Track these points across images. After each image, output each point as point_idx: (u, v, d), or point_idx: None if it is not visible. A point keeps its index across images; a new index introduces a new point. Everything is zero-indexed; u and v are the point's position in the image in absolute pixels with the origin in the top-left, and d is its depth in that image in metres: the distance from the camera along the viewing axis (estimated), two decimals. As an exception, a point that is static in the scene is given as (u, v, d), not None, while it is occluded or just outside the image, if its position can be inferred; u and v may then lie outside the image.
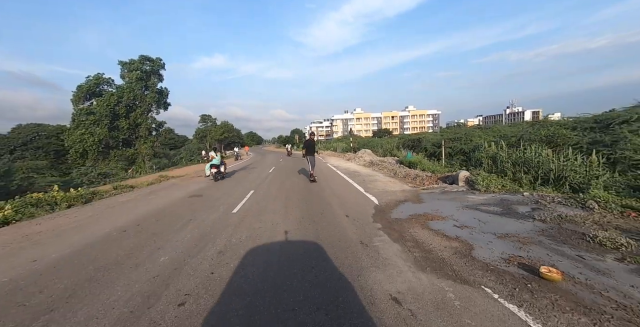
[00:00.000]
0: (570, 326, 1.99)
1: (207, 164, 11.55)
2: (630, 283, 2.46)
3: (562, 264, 2.89)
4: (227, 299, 2.58)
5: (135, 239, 4.49)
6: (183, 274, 3.15)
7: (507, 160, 9.24)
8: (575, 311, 2.15)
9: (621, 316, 2.05)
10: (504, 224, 4.28)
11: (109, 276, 3.19)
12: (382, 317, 2.20)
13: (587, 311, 2.13)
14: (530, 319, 2.09)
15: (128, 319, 2.36)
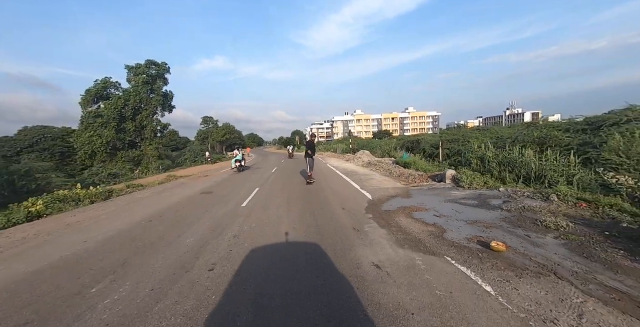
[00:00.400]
0: (499, 277, 2.75)
1: (233, 159, 15.79)
2: (554, 252, 3.21)
3: (511, 241, 3.65)
4: (246, 266, 3.34)
5: (162, 226, 5.26)
6: (207, 251, 3.91)
7: (493, 161, 9.98)
8: (507, 268, 2.91)
9: (537, 271, 2.81)
10: (475, 213, 5.04)
11: (149, 251, 3.96)
12: (365, 276, 2.95)
13: (515, 268, 2.89)
14: (473, 274, 2.84)
15: (173, 278, 3.12)
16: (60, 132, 51.97)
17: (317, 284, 2.80)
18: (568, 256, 3.09)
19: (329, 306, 2.41)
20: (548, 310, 2.21)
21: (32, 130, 48.94)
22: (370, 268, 3.13)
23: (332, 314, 2.30)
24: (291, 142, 60.19)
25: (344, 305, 2.42)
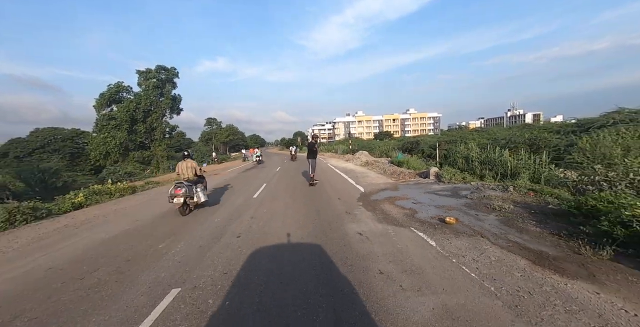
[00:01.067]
0: (442, 237, 3.95)
1: (253, 156, 21.07)
2: (489, 224, 4.41)
3: (462, 217, 4.84)
4: (263, 236, 4.56)
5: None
6: (232, 226, 5.14)
7: (476, 160, 11.17)
8: (450, 233, 4.11)
9: (470, 234, 4.01)
10: (445, 201, 6.23)
11: (188, 226, 5.20)
12: (351, 239, 4.16)
13: (456, 233, 4.09)
14: (426, 236, 4.04)
15: (212, 241, 4.35)
16: (70, 134, 53.65)
17: (317, 245, 4.02)
18: (496, 226, 4.29)
19: (325, 254, 3.63)
20: (464, 252, 3.41)
21: (43, 132, 50.61)
22: (356, 235, 4.34)
23: (326, 259, 3.52)
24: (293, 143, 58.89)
25: (335, 254, 3.64)
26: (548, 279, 2.69)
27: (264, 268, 3.28)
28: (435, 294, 2.54)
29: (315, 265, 3.29)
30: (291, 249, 3.88)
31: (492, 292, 2.52)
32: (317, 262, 3.38)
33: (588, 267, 2.86)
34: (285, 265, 3.34)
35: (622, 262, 2.87)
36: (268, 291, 2.76)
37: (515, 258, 3.17)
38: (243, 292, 2.76)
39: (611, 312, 2.16)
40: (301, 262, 3.40)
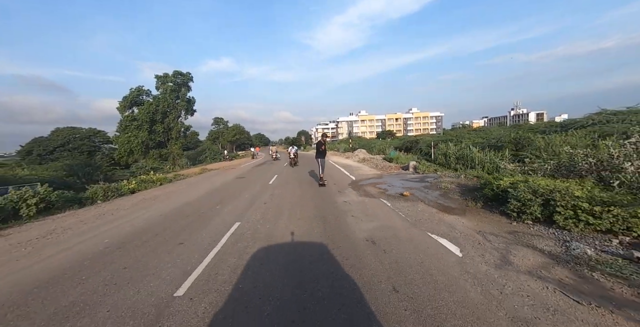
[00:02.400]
0: (397, 203, 6.24)
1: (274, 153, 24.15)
2: (432, 196, 6.68)
3: (416, 193, 7.11)
4: (281, 204, 6.89)
5: (225, 192, 8.88)
6: (259, 199, 7.48)
7: (452, 156, 13.41)
8: (403, 201, 6.40)
9: (415, 201, 6.31)
10: (411, 184, 8.49)
11: (228, 201, 7.56)
12: (338, 204, 6.47)
13: (406, 200, 6.38)
14: (388, 203, 6.33)
15: (248, 206, 6.70)
16: (87, 133, 56.80)
17: (317, 207, 6.35)
18: (434, 196, 6.57)
19: (321, 211, 5.96)
20: (404, 208, 5.70)
21: (63, 131, 53.79)
22: (342, 202, 6.64)
23: (322, 212, 5.85)
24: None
25: (328, 210, 5.96)
26: (440, 215, 4.97)
27: (285, 216, 5.61)
28: (378, 221, 4.84)
29: (315, 215, 5.61)
30: (299, 214, 6.20)
31: (407, 220, 4.82)
32: (316, 214, 5.70)
33: (465, 211, 5.14)
34: (298, 218, 5.66)
35: (483, 209, 5.15)
36: (292, 224, 5.08)
37: (430, 209, 5.46)
38: (277, 221, 5.09)
39: (458, 224, 4.44)
40: (306, 217, 5.72)
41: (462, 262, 3.12)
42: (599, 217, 3.57)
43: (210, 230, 4.85)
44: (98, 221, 5.95)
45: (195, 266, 3.34)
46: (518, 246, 3.45)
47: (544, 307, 2.26)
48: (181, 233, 4.77)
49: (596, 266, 2.81)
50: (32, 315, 2.51)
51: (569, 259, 3.01)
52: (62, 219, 6.21)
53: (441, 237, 3.90)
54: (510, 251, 3.34)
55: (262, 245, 3.96)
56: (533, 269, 2.87)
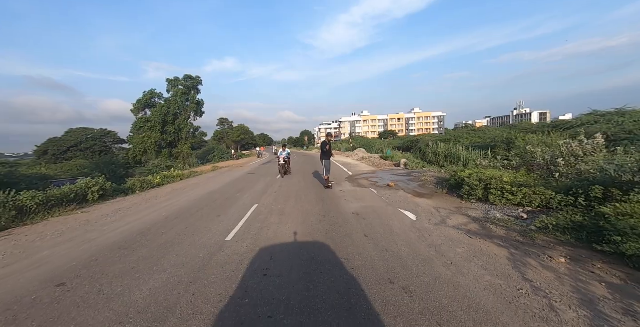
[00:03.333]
0: (383, 191, 7.78)
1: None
2: (411, 186, 8.21)
3: (400, 184, 8.64)
4: (288, 193, 8.47)
5: (240, 185, 10.47)
6: (270, 189, 9.06)
7: (441, 154, 14.89)
8: (387, 190, 7.93)
9: (398, 190, 7.84)
10: (399, 178, 10.01)
11: (245, 190, 9.15)
12: (335, 193, 8.02)
13: (390, 189, 7.92)
14: (375, 191, 7.87)
15: (264, 192, 8.29)
16: (98, 134, 59.00)
17: (318, 194, 7.92)
18: (413, 186, 8.09)
19: (321, 196, 7.53)
20: (387, 194, 7.24)
21: (76, 132, 56.02)
22: (338, 191, 8.19)
23: (321, 198, 7.41)
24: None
25: (326, 196, 7.53)
26: (412, 199, 6.50)
27: (292, 200, 7.17)
28: (364, 203, 6.38)
29: (316, 200, 7.18)
30: (304, 199, 7.75)
31: (386, 202, 6.35)
32: (317, 199, 7.26)
33: (432, 196, 6.67)
34: (303, 201, 7.22)
35: (447, 194, 6.68)
36: (298, 204, 6.64)
37: (407, 195, 7.00)
38: (286, 200, 6.66)
39: (423, 203, 5.97)
40: (309, 201, 7.28)
41: (414, 223, 4.66)
42: (515, 195, 5.08)
43: (236, 208, 6.43)
44: (148, 204, 7.57)
45: (234, 227, 4.91)
46: (456, 214, 4.98)
47: (449, 240, 3.79)
48: (216, 210, 6.36)
49: (496, 222, 4.34)
50: (144, 247, 4.10)
51: (482, 219, 4.53)
52: (119, 203, 7.85)
53: (406, 211, 5.43)
54: (449, 216, 4.87)
55: (277, 216, 5.52)
56: (457, 225, 4.40)
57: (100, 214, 6.42)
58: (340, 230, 4.45)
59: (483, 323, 2.10)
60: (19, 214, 5.70)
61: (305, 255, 3.51)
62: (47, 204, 6.29)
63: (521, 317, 2.16)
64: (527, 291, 2.50)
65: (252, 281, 2.90)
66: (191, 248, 3.96)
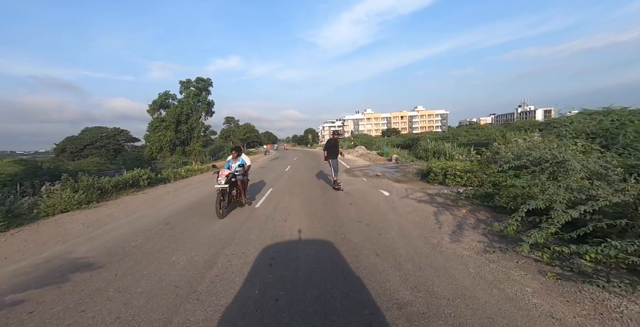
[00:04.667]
0: (371, 179, 9.75)
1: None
2: (395, 175, 10.16)
3: (387, 174, 10.59)
4: (296, 180, 10.50)
5: (257, 175, 12.47)
6: (281, 177, 11.09)
7: (430, 151, 16.76)
8: (375, 178, 9.90)
9: (383, 177, 9.81)
10: (387, 170, 11.95)
11: (262, 178, 11.19)
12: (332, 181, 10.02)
13: (377, 178, 9.88)
14: (365, 179, 9.84)
15: (279, 177, 10.33)
16: (112, 132, 61.74)
17: (318, 182, 9.93)
18: (397, 176, 10.04)
19: (322, 183, 9.54)
20: (374, 181, 9.21)
21: (91, 131, 58.86)
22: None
23: (321, 183, 9.42)
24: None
25: (324, 183, 9.53)
26: (392, 184, 8.46)
27: (299, 185, 9.17)
28: (354, 186, 8.36)
29: (318, 185, 9.17)
30: (308, 185, 9.74)
31: (371, 186, 8.31)
32: (318, 184, 9.25)
33: (408, 181, 8.62)
34: (307, 186, 9.23)
35: (419, 180, 8.64)
36: (304, 187, 8.65)
37: (389, 181, 8.96)
38: (294, 185, 8.66)
39: (398, 186, 7.93)
40: (312, 185, 9.28)
41: (386, 197, 6.63)
42: (462, 178, 7.01)
43: (259, 188, 8.47)
44: (186, 188, 9.66)
45: (260, 199, 6.93)
46: (418, 192, 6.93)
47: (404, 204, 5.77)
48: (241, 192, 8.38)
49: (441, 195, 6.29)
50: (201, 211, 6.13)
51: (434, 194, 6.49)
52: (164, 188, 9.97)
53: (384, 190, 7.40)
54: (412, 193, 6.82)
55: (288, 195, 7.53)
56: (414, 197, 6.36)
57: (156, 194, 8.52)
58: (334, 201, 6.45)
59: (401, 234, 4.08)
60: (102, 193, 7.81)
61: (310, 214, 5.51)
62: (116, 187, 8.41)
63: (421, 230, 4.14)
64: (432, 222, 4.48)
65: (278, 223, 4.92)
66: (236, 212, 5.99)
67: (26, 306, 2.55)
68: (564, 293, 2.43)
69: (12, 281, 3.12)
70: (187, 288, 2.74)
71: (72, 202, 6.50)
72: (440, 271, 2.91)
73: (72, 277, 3.11)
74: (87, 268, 3.35)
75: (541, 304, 2.29)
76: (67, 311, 2.45)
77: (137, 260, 3.52)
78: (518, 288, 2.52)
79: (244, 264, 3.25)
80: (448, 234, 3.95)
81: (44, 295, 2.74)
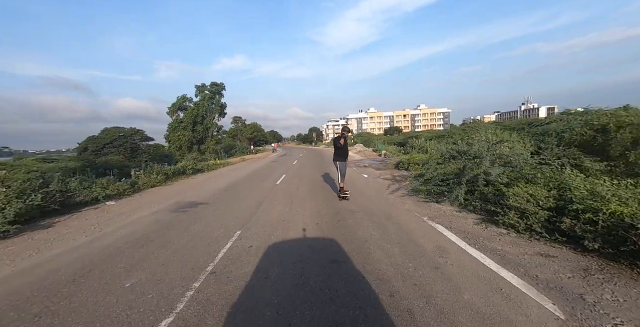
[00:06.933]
0: (361, 169, 12.88)
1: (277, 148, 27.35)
2: (379, 166, 13.27)
3: (373, 165, 13.70)
4: (301, 172, 13.69)
5: (269, 168, 15.72)
6: (290, 170, 14.27)
7: (416, 147, 19.75)
8: (363, 167, 13.03)
9: (370, 167, 12.94)
10: (374, 162, 15.04)
11: (274, 170, 14.41)
12: (328, 169, 13.17)
13: (364, 167, 13.01)
14: (356, 169, 12.96)
15: (286, 171, 13.52)
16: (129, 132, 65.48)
17: (318, 171, 13.13)
18: (380, 166, 13.14)
19: (322, 172, 12.72)
20: (362, 170, 12.34)
21: (110, 131, 62.72)
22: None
23: (322, 173, 12.60)
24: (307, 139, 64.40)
25: (322, 171, 12.71)
26: (373, 171, 11.58)
27: (304, 174, 12.35)
28: (345, 173, 11.52)
29: (319, 174, 12.34)
30: (311, 174, 12.89)
31: (357, 172, 11.45)
32: (320, 173, 12.41)
33: (385, 169, 11.74)
34: (310, 175, 12.40)
35: (394, 169, 11.76)
36: (308, 176, 11.83)
37: (371, 169, 12.07)
38: (302, 169, 11.84)
39: (375, 172, 11.05)
40: (315, 173, 12.45)
41: (365, 178, 9.75)
42: (417, 166, 10.10)
43: (273, 178, 11.63)
44: (221, 176, 12.90)
45: (276, 181, 10.11)
46: (387, 175, 10.03)
47: (374, 181, 8.91)
48: (264, 176, 11.58)
49: (400, 176, 9.39)
50: (238, 188, 9.33)
51: (397, 176, 9.59)
52: (204, 175, 13.27)
53: (364, 174, 10.52)
54: (382, 175, 9.94)
55: (297, 178, 10.70)
56: (383, 178, 9.48)
57: (202, 179, 11.80)
58: (328, 181, 9.60)
59: (367, 191, 7.22)
60: (166, 178, 11.11)
61: (312, 189, 8.67)
62: (174, 173, 11.72)
63: (377, 190, 7.28)
64: (384, 188, 7.59)
65: (293, 192, 8.09)
66: (262, 187, 9.18)
67: (188, 212, 5.77)
68: (420, 205, 5.56)
69: (175, 206, 6.40)
70: (250, 211, 5.94)
71: (156, 182, 9.81)
72: (378, 201, 6.05)
73: (196, 206, 6.35)
74: (200, 204, 6.59)
75: (408, 208, 5.42)
76: (204, 214, 5.66)
77: (221, 202, 6.74)
78: (403, 205, 5.66)
79: (279, 203, 6.44)
80: (389, 192, 7.07)
81: (192, 209, 5.97)
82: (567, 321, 2.00)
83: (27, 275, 3.25)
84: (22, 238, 4.52)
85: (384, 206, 5.71)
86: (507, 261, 2.99)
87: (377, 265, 3.05)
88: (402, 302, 2.33)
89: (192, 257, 3.51)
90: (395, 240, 3.81)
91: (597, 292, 2.29)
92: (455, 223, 4.38)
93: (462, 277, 2.71)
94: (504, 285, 2.54)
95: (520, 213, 3.91)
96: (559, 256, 3.01)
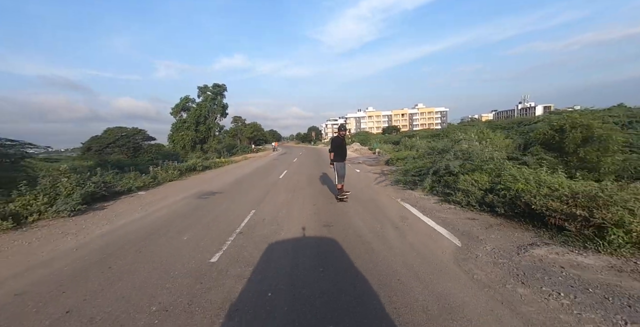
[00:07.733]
0: (356, 166, 14.25)
1: None
2: (372, 163, 14.64)
3: (366, 161, 15.06)
4: (301, 168, 15.05)
5: (272, 165, 17.08)
6: (291, 166, 15.63)
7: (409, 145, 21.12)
8: (357, 163, 14.39)
9: (364, 164, 14.30)
10: (368, 159, 16.41)
11: (276, 167, 15.75)
12: (325, 165, 14.53)
13: (358, 163, 14.38)
14: (352, 166, 14.29)
15: (287, 167, 14.87)
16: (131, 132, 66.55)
17: (317, 167, 14.49)
18: (372, 162, 14.51)
19: (320, 169, 14.09)
20: (355, 165, 13.71)
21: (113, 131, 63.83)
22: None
23: (319, 169, 13.97)
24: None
25: (321, 169, 14.08)
26: (365, 167, 12.96)
27: (304, 169, 13.70)
28: (340, 168, 12.89)
29: (318, 169, 13.70)
30: (310, 169, 14.24)
31: (352, 167, 12.81)
32: (318, 169, 13.76)
33: (376, 165, 13.12)
34: (309, 171, 13.76)
35: (384, 164, 13.13)
36: (308, 171, 13.20)
37: (364, 165, 13.45)
38: (302, 166, 13.20)
39: (368, 168, 12.43)
40: (314, 169, 13.80)
41: (357, 173, 11.12)
42: (402, 161, 11.46)
43: (276, 173, 12.98)
44: (229, 172, 14.21)
45: (279, 176, 11.45)
46: (377, 170, 11.39)
47: (365, 175, 10.27)
48: (268, 171, 12.93)
49: (387, 171, 10.76)
50: (246, 182, 10.68)
51: (386, 170, 10.95)
52: (213, 172, 14.60)
53: (357, 169, 11.88)
54: (372, 170, 11.30)
55: (298, 174, 12.06)
56: (373, 172, 10.84)
57: (212, 175, 13.16)
58: (324, 176, 10.96)
59: (358, 183, 8.58)
60: (180, 174, 12.45)
61: (310, 181, 10.02)
62: (187, 170, 13.06)
63: (366, 182, 8.65)
64: (372, 180, 8.96)
65: (295, 184, 9.44)
66: (268, 180, 10.52)
67: (209, 198, 7.11)
68: (397, 192, 6.93)
69: (197, 194, 7.76)
70: (260, 197, 7.28)
71: (172, 177, 11.17)
72: (365, 190, 7.41)
73: (215, 195, 7.70)
74: (218, 193, 7.94)
75: (388, 194, 6.79)
76: (223, 199, 7.00)
77: (235, 191, 8.08)
78: (385, 191, 7.04)
79: (283, 191, 7.79)
80: (375, 183, 8.44)
81: (212, 197, 7.31)
82: (460, 247, 3.38)
83: (114, 232, 4.63)
84: (90, 215, 5.86)
85: (370, 192, 7.09)
86: (444, 222, 4.36)
87: (356, 226, 4.42)
88: (369, 245, 3.69)
89: (224, 224, 4.87)
90: (372, 213, 5.18)
91: (487, 235, 3.68)
92: (420, 202, 5.75)
93: (410, 231, 4.08)
94: (435, 234, 3.92)
95: (465, 193, 5.28)
96: (479, 218, 4.39)
